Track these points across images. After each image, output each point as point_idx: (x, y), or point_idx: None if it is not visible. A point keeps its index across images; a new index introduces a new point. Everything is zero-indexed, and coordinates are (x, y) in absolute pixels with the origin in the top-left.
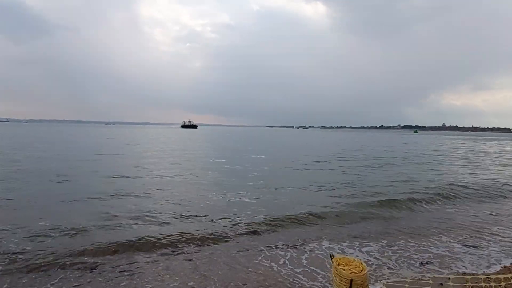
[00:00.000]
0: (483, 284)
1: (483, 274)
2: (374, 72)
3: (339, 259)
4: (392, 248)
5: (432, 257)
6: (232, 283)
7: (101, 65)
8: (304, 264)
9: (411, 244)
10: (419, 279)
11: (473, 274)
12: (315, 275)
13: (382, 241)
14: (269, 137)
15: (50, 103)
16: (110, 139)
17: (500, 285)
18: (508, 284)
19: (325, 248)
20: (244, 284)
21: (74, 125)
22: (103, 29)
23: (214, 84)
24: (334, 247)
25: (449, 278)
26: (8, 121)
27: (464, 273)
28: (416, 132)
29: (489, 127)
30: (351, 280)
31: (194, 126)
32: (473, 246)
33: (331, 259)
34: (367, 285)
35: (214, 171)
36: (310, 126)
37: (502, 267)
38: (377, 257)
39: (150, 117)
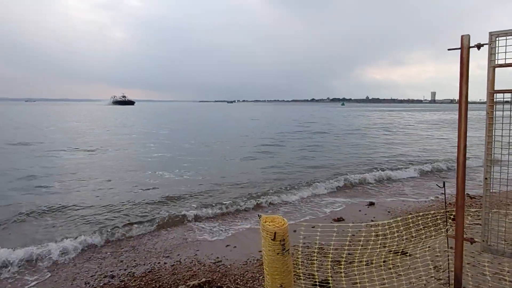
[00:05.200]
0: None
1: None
2: (304, 47)
3: (266, 217)
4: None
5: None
6: None
7: (6, 33)
8: None
9: None
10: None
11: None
12: None
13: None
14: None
15: None
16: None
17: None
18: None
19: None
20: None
21: None
22: None
23: (142, 57)
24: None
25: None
26: None
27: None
28: (343, 104)
29: (405, 99)
30: (275, 233)
31: (131, 103)
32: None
33: (259, 218)
34: (288, 235)
35: None
36: (244, 100)
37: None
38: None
39: (69, 92)
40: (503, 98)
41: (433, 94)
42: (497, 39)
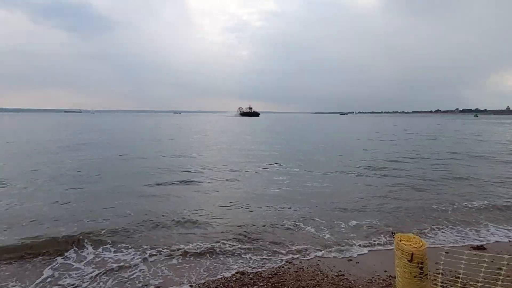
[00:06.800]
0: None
1: None
2: (427, 54)
3: (400, 235)
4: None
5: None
6: None
7: (157, 58)
8: None
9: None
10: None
11: None
12: None
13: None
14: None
15: (114, 95)
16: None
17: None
18: None
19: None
20: None
21: (145, 115)
22: (158, 24)
23: (263, 72)
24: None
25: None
26: (81, 112)
27: None
28: (476, 116)
29: None
30: (412, 254)
31: (256, 114)
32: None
33: (393, 236)
34: (427, 258)
35: None
36: (359, 112)
37: None
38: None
39: (203, 105)
40: None
41: None
42: None
